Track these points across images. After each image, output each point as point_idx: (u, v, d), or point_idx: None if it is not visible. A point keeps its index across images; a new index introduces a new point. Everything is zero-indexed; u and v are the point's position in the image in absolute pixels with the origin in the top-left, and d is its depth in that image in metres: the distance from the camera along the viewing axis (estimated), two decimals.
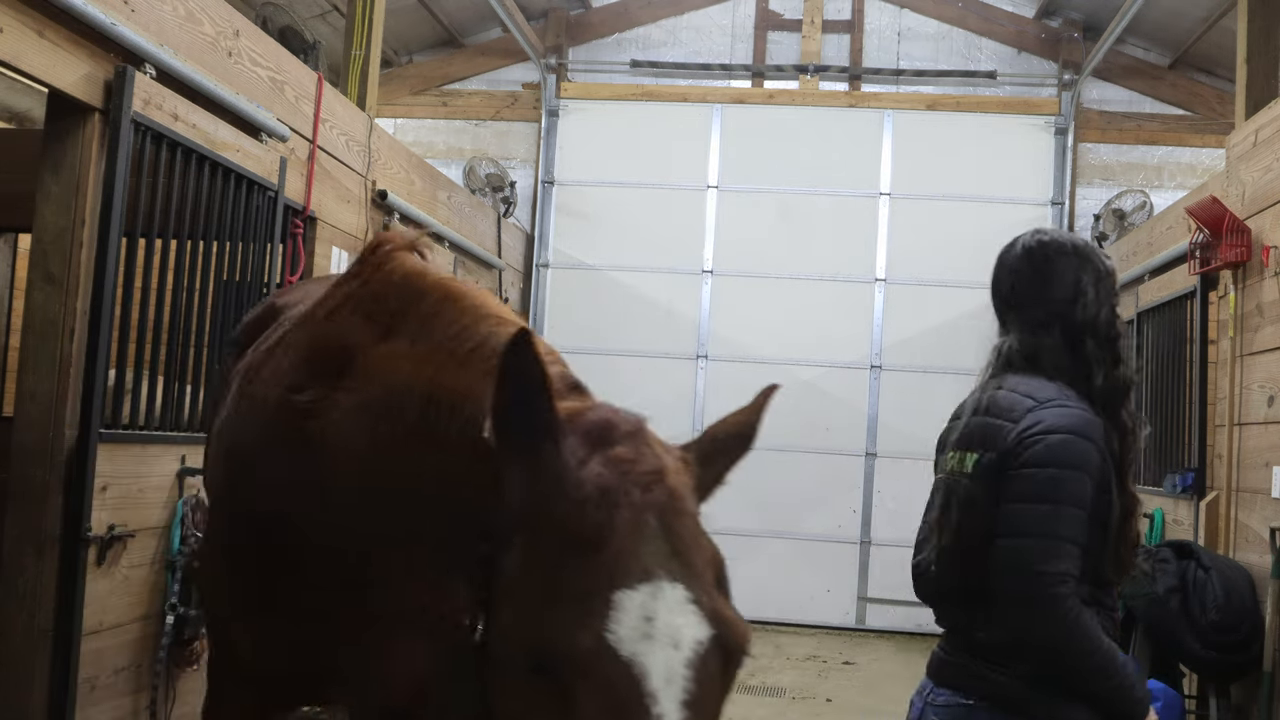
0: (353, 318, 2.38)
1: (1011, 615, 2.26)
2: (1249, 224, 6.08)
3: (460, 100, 11.39)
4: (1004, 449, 2.32)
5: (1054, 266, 2.50)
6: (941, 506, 2.44)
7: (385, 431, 2.15)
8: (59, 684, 4.18)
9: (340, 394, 2.28)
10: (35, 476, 4.23)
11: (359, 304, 2.41)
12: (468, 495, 1.90)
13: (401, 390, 2.13)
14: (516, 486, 1.70)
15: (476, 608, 1.74)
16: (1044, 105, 10.77)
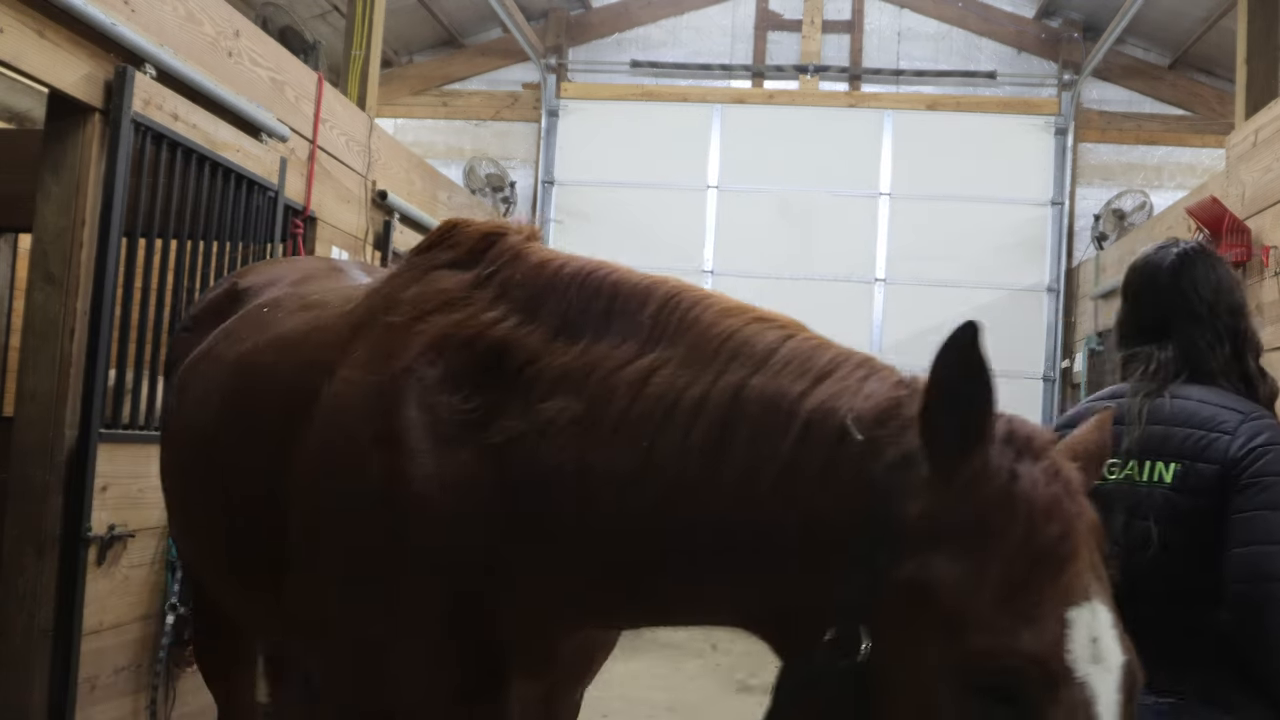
0: (492, 313, 2.05)
1: (1247, 619, 2.28)
2: (1249, 224, 6.08)
3: (460, 100, 11.39)
4: (1227, 459, 2.33)
5: (1224, 280, 2.53)
6: (1127, 514, 2.41)
7: (669, 450, 1.79)
8: (59, 684, 4.18)
9: (518, 402, 1.94)
10: (35, 476, 4.23)
11: (499, 297, 2.07)
12: (789, 506, 1.69)
13: (685, 404, 1.79)
14: (930, 496, 1.54)
15: (848, 626, 1.57)
16: (1044, 105, 10.78)
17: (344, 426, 2.08)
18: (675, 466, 1.77)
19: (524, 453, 1.91)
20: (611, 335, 1.93)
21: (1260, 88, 6.72)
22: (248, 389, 2.48)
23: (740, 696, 7.37)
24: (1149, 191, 10.43)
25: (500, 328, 2.01)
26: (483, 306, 2.07)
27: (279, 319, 2.60)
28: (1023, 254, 10.58)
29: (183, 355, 3.05)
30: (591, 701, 2.63)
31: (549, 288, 2.04)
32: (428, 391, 2.01)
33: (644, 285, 1.99)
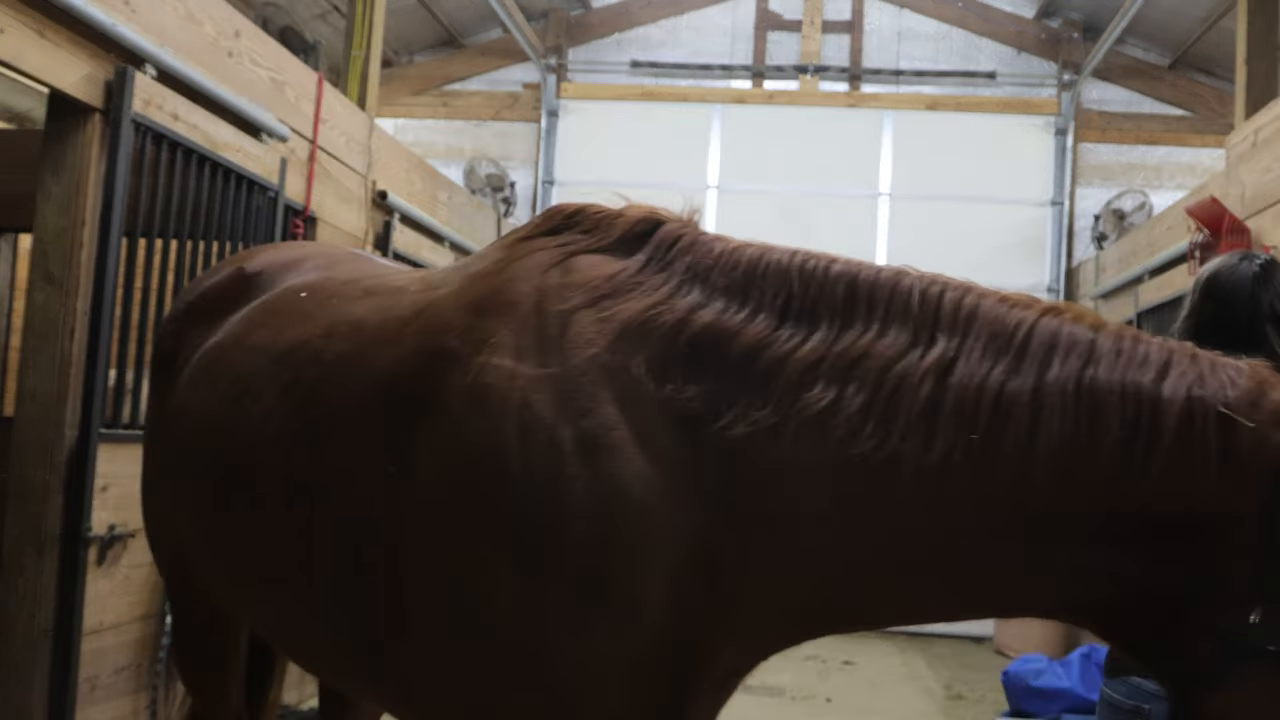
0: (688, 299, 1.93)
1: None
2: (1249, 224, 6.08)
3: (460, 100, 11.39)
4: None
5: None
6: None
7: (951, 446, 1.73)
8: (59, 684, 4.18)
9: (756, 392, 1.82)
10: (35, 476, 4.23)
11: (689, 284, 1.96)
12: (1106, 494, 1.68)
13: (1014, 396, 1.72)
14: None
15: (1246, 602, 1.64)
16: (1044, 105, 10.78)
17: (524, 425, 1.87)
18: (1013, 458, 1.70)
19: (769, 444, 1.79)
20: (861, 324, 1.85)
21: (1260, 88, 6.72)
22: (321, 381, 2.25)
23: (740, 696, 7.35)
24: (1149, 191, 10.43)
25: (705, 314, 1.90)
26: (671, 292, 1.95)
27: (340, 305, 2.40)
28: (1023, 254, 10.59)
29: (182, 347, 2.81)
30: None
31: (753, 275, 1.94)
32: (633, 383, 1.87)
33: (878, 274, 1.92)
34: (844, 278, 1.91)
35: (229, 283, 2.85)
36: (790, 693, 7.48)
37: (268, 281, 2.78)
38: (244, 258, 3.00)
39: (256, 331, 2.53)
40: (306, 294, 2.54)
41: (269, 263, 2.87)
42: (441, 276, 2.32)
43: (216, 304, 2.81)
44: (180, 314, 2.95)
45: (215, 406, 2.49)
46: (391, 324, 2.19)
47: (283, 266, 2.82)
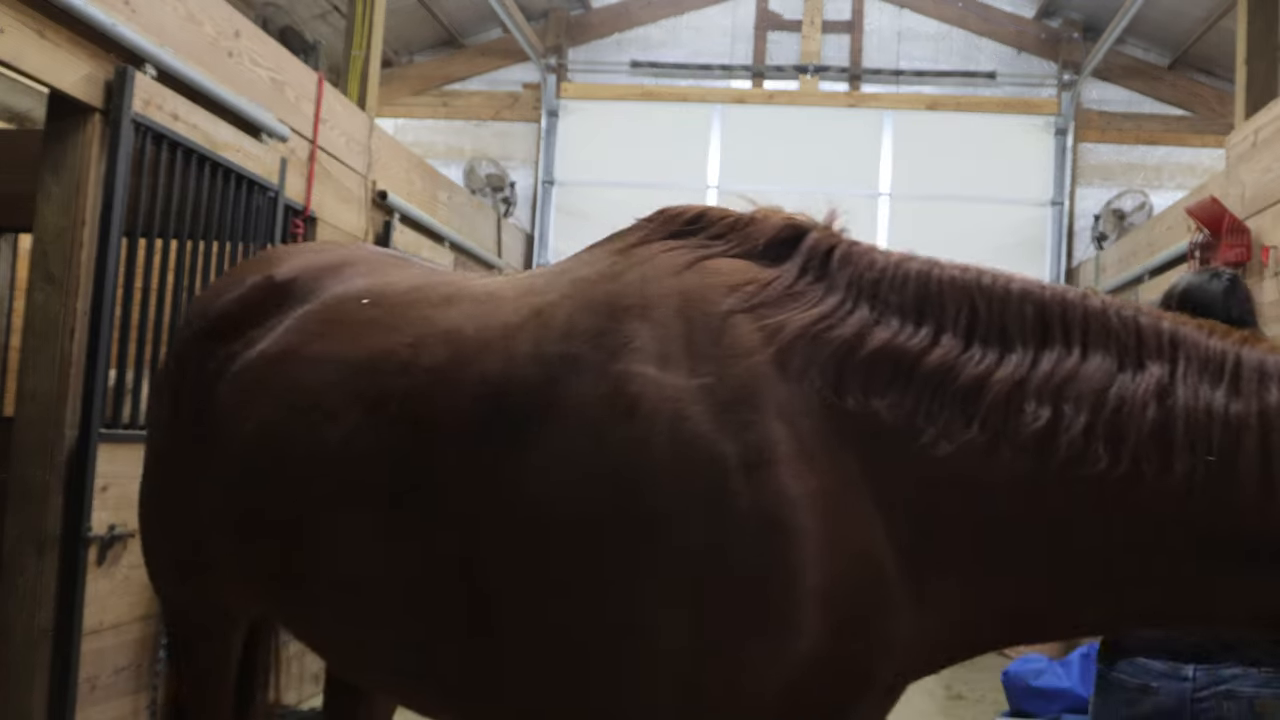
0: (859, 313, 1.90)
1: None
2: (1249, 224, 6.08)
3: (460, 100, 11.39)
4: None
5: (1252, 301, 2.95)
6: None
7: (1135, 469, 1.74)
8: (59, 684, 4.18)
9: (956, 411, 1.80)
10: (35, 476, 4.23)
11: (856, 298, 1.93)
12: None
13: (1242, 422, 1.74)
14: None
15: None
16: (1044, 105, 10.78)
17: (679, 438, 1.79)
18: (1245, 479, 1.72)
19: (978, 462, 1.78)
20: (1059, 346, 1.83)
21: (1260, 88, 6.73)
22: (415, 392, 2.13)
23: None
24: (1149, 191, 10.43)
25: (882, 331, 1.87)
26: (838, 305, 1.91)
27: (420, 313, 2.29)
28: (1023, 254, 10.58)
29: (209, 358, 2.66)
30: None
31: (926, 292, 1.91)
32: (804, 396, 1.82)
33: (1065, 295, 1.90)
34: (1029, 298, 1.88)
35: (258, 291, 2.70)
36: None
37: (306, 289, 2.63)
38: (270, 263, 2.84)
39: (316, 342, 2.42)
40: (370, 301, 2.43)
41: (302, 269, 2.72)
42: (543, 282, 2.23)
43: (247, 313, 2.66)
44: (203, 323, 2.77)
45: (275, 421, 2.37)
46: (494, 332, 2.10)
47: (320, 272, 2.68)
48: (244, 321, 2.66)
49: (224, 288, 2.85)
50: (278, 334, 2.54)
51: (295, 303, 2.61)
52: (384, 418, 2.15)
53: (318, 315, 2.51)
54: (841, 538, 1.78)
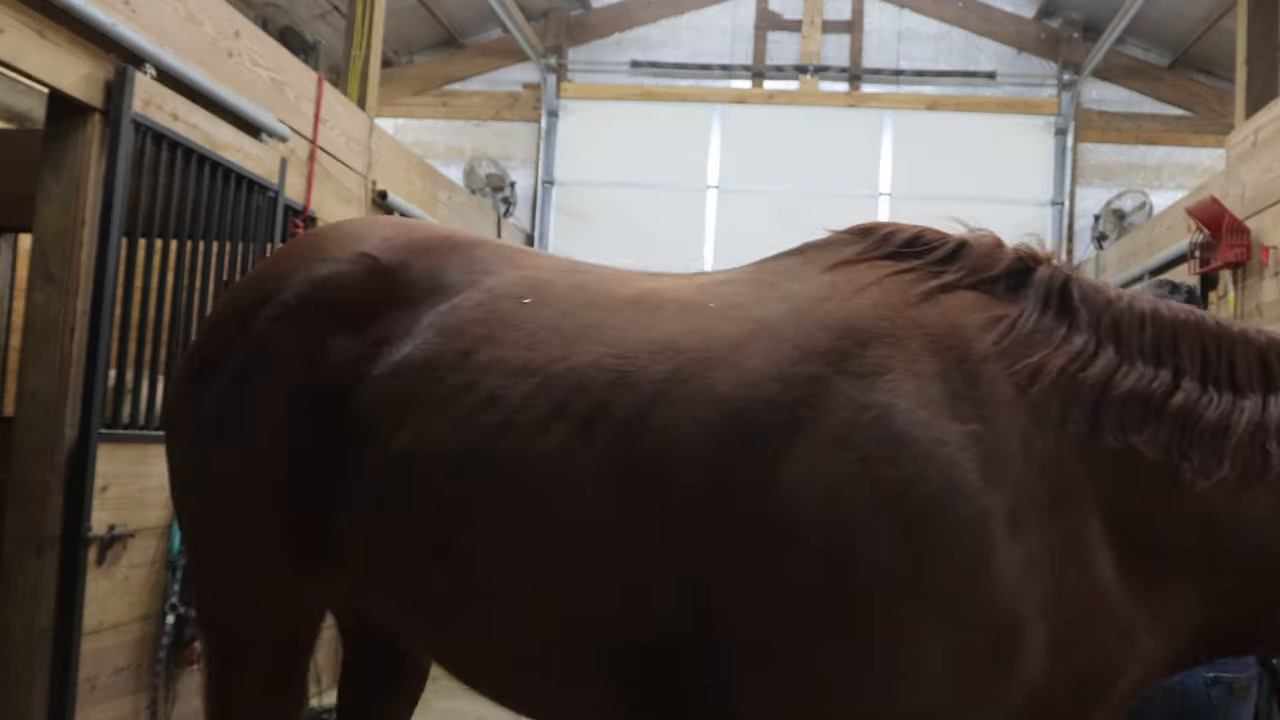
0: (1106, 354, 2.00)
1: None
2: (1249, 224, 6.08)
3: (460, 100, 11.39)
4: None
5: None
6: None
7: None
8: (59, 684, 4.18)
9: (1208, 451, 1.95)
10: (35, 476, 4.23)
11: (1097, 337, 2.02)
12: None
13: None
14: None
15: None
16: (1044, 105, 10.78)
17: (953, 487, 1.82)
18: None
19: (1232, 498, 1.92)
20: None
21: (1260, 88, 6.73)
22: (641, 409, 2.04)
23: None
24: (1149, 191, 10.43)
25: (1130, 374, 1.98)
26: (1084, 347, 2.00)
27: (614, 319, 2.21)
28: None
29: (335, 351, 2.38)
30: None
31: (1162, 335, 2.03)
32: (1060, 441, 1.90)
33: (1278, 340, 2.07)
34: (1250, 342, 2.03)
35: (367, 273, 2.45)
36: None
37: (430, 279, 2.42)
38: (352, 237, 2.55)
39: (485, 348, 2.24)
40: (534, 302, 2.30)
41: (404, 251, 2.50)
42: (743, 292, 2.21)
43: (363, 299, 2.41)
44: (305, 301, 2.44)
45: (447, 435, 2.20)
46: (718, 345, 2.06)
47: (431, 257, 2.47)
48: (363, 310, 2.40)
49: (305, 260, 2.53)
50: (423, 336, 2.33)
51: (424, 295, 2.40)
52: (604, 433, 2.05)
53: (473, 316, 2.32)
54: (1082, 583, 1.87)
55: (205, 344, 2.66)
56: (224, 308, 2.70)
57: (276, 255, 2.73)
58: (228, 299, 2.74)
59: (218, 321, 2.67)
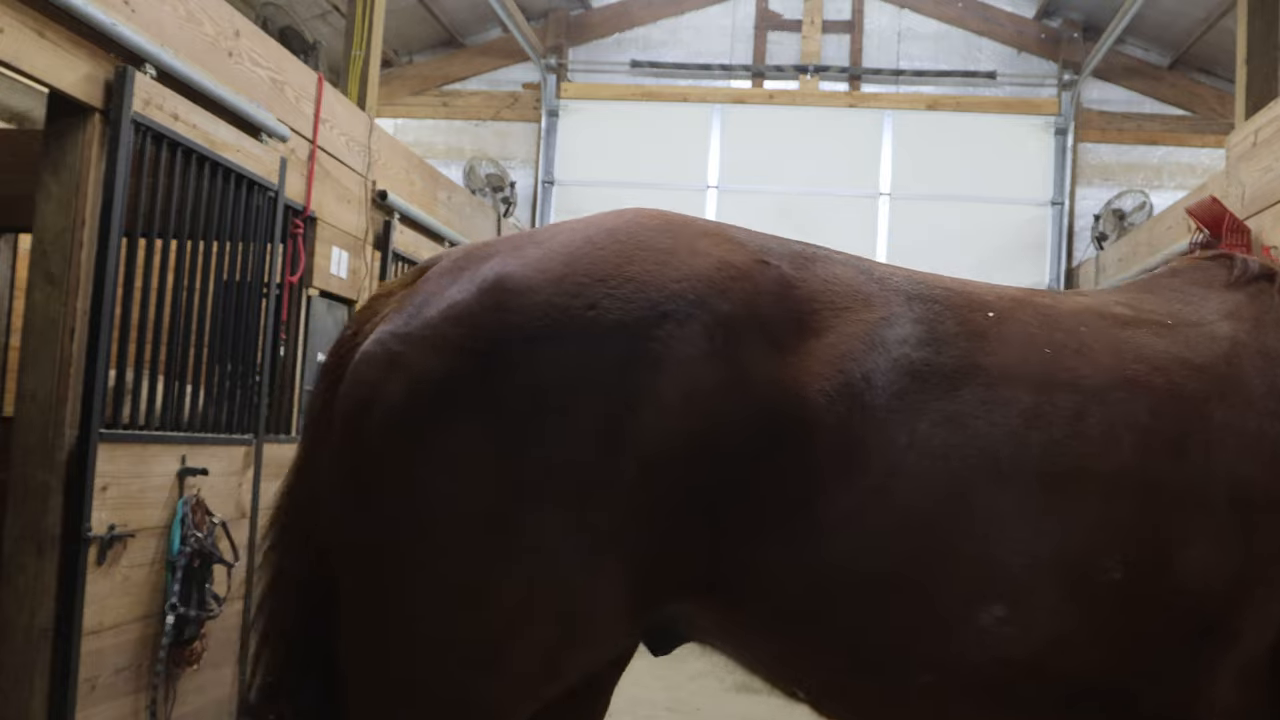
0: None
1: None
2: (1249, 224, 6.08)
3: (460, 100, 11.39)
4: None
5: None
6: None
7: None
8: (59, 684, 4.18)
9: None
10: (35, 476, 4.22)
11: None
12: None
13: None
14: None
15: None
16: (1044, 105, 10.77)
17: None
18: None
19: None
20: None
21: (1260, 88, 6.72)
22: (1218, 430, 2.09)
23: (740, 696, 7.36)
24: (1149, 191, 10.43)
25: None
26: None
27: (1104, 334, 2.21)
28: (1023, 254, 10.59)
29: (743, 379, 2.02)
30: None
31: None
32: None
33: None
34: None
35: (753, 281, 2.10)
36: None
37: (827, 292, 2.16)
38: (716, 238, 2.17)
39: (986, 360, 2.13)
40: (996, 316, 2.22)
41: (792, 263, 2.20)
42: (1186, 311, 2.28)
43: (762, 309, 2.09)
44: (696, 318, 2.02)
45: (969, 453, 2.05)
46: (1216, 364, 2.16)
47: (824, 268, 2.22)
48: (773, 318, 2.09)
49: (659, 262, 2.08)
50: (889, 349, 2.12)
51: (837, 308, 2.15)
52: (1193, 456, 2.07)
53: (942, 330, 2.17)
54: None
55: (511, 342, 2.02)
56: (536, 309, 2.02)
57: (611, 254, 2.10)
58: (531, 303, 2.03)
59: (519, 323, 2.02)
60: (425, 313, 2.07)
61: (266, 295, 5.64)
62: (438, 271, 2.18)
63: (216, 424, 5.23)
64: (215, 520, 5.00)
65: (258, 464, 5.56)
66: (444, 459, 1.98)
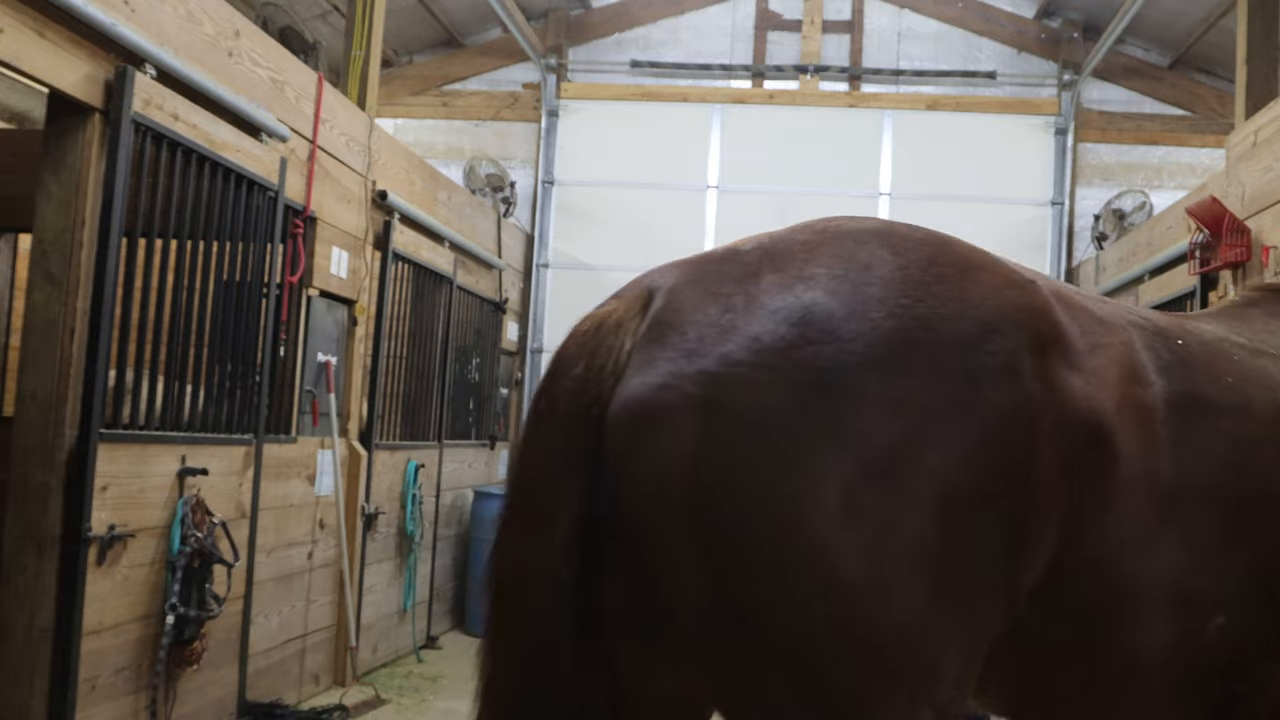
0: None
1: None
2: (1249, 224, 6.08)
3: (460, 100, 11.39)
4: None
5: None
6: None
7: None
8: (59, 684, 4.18)
9: None
10: (35, 476, 4.23)
11: None
12: None
13: None
14: None
15: None
16: (1044, 105, 10.77)
17: None
18: None
19: None
20: None
21: (1260, 88, 6.72)
22: None
23: None
24: (1149, 191, 10.43)
25: None
26: None
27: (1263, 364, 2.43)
28: (1023, 254, 10.58)
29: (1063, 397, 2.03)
30: None
31: None
32: None
33: None
34: None
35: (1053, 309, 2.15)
36: None
37: (1081, 311, 2.23)
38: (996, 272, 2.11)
39: (1232, 388, 2.34)
40: (1185, 342, 2.39)
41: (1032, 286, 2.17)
42: None
43: (1059, 337, 2.10)
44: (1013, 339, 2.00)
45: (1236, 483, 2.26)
46: None
47: (1059, 303, 2.22)
48: (1064, 338, 2.11)
49: (963, 281, 2.05)
50: (1148, 376, 2.23)
51: (1094, 333, 2.21)
52: None
53: (1164, 359, 2.30)
54: None
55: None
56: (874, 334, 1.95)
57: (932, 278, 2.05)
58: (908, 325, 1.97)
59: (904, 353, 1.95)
60: (721, 348, 1.89)
61: (266, 295, 5.64)
62: (689, 299, 2.02)
63: (216, 424, 5.23)
64: (215, 520, 5.00)
65: (258, 464, 5.56)
66: (813, 500, 1.83)
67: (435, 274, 8.15)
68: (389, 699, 6.53)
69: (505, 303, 9.96)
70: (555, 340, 11.08)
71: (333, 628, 6.66)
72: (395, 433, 7.68)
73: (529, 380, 10.77)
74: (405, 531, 7.67)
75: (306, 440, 6.30)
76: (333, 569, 6.62)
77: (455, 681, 7.17)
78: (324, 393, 6.51)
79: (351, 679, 6.68)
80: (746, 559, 1.83)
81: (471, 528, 9.02)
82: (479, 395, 9.41)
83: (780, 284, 1.98)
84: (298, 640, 6.25)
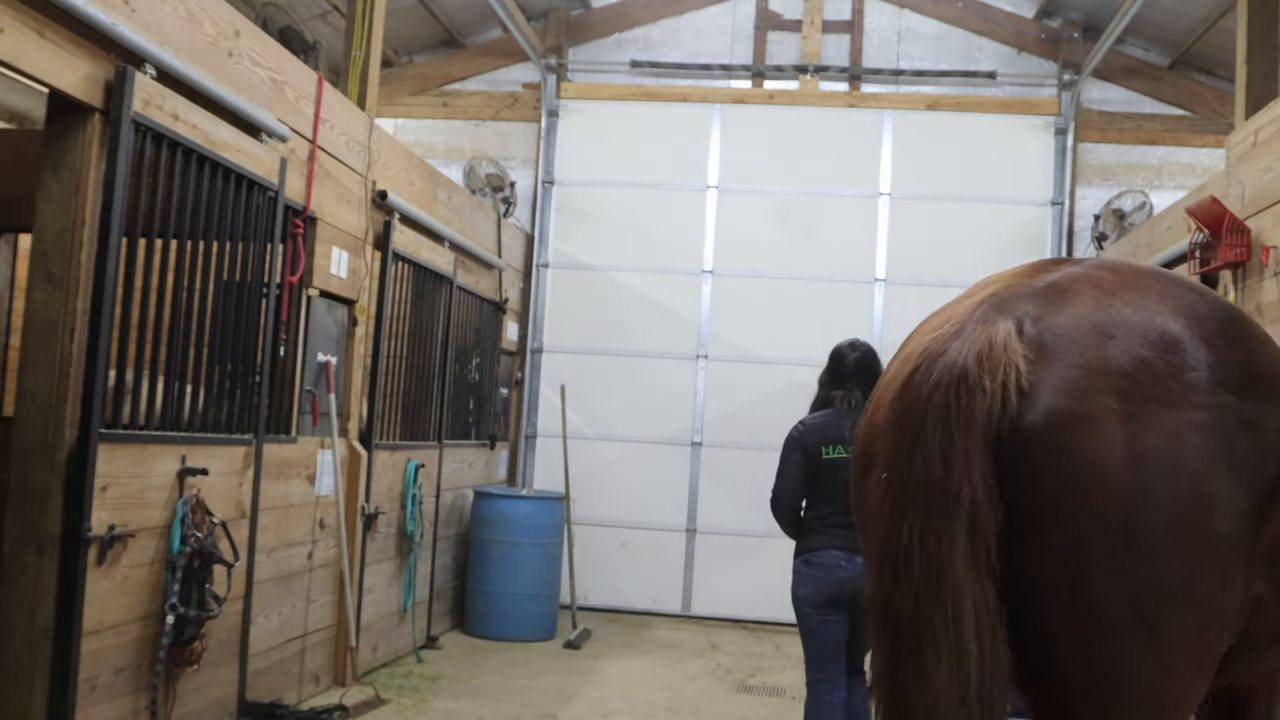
0: None
1: None
2: (1249, 224, 6.08)
3: (460, 100, 11.39)
4: None
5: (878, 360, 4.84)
6: None
7: None
8: (59, 684, 4.19)
9: None
10: (35, 476, 4.23)
11: None
12: None
13: None
14: None
15: None
16: (1044, 105, 10.78)
17: None
18: None
19: None
20: None
21: (1260, 88, 6.72)
22: None
23: (740, 696, 7.36)
24: (1149, 191, 10.43)
25: None
26: None
27: None
28: (1023, 254, 10.57)
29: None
30: (591, 701, 2.60)
31: None
32: None
33: None
34: None
35: None
36: (790, 692, 7.48)
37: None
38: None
39: None
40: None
41: None
42: None
43: None
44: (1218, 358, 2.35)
45: None
46: None
47: None
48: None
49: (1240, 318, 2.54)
50: None
51: None
52: None
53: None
54: None
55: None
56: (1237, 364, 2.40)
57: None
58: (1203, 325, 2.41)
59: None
60: (1116, 365, 2.28)
61: (266, 295, 5.65)
62: (1063, 325, 2.35)
63: (216, 424, 5.24)
64: (215, 520, 5.00)
65: (258, 464, 5.57)
66: (1217, 499, 2.24)
67: (435, 274, 8.16)
68: (389, 699, 6.54)
69: (505, 303, 9.97)
70: (555, 340, 11.18)
71: (333, 628, 6.67)
72: (395, 433, 7.68)
73: (529, 380, 10.78)
74: (405, 531, 7.67)
75: (306, 440, 6.31)
76: (333, 569, 6.63)
77: (455, 681, 7.17)
78: (324, 393, 6.51)
79: (351, 679, 6.68)
80: (1164, 547, 2.21)
81: (471, 528, 9.02)
82: (479, 395, 9.41)
83: (1150, 316, 2.37)
84: (298, 640, 6.25)
